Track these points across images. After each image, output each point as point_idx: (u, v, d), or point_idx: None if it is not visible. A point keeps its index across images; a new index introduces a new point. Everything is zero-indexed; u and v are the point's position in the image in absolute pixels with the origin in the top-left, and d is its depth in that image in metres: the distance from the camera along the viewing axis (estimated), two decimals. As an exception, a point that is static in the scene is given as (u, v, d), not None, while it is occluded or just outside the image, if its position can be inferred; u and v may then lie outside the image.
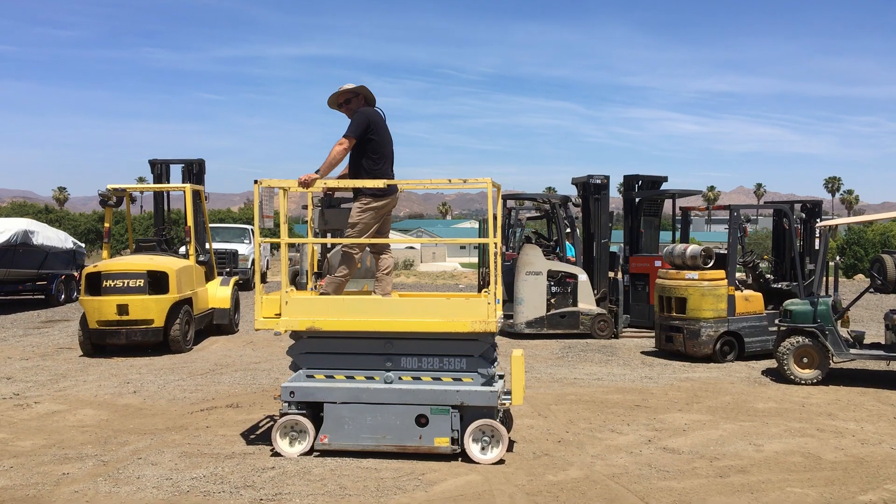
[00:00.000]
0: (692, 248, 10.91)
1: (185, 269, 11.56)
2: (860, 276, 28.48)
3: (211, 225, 19.90)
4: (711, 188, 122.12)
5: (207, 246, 13.28)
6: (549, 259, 12.90)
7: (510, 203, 15.72)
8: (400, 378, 6.14)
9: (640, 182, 14.57)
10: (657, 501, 5.19)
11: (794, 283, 10.78)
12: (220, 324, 12.89)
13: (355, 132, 6.40)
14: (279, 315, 6.30)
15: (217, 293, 12.87)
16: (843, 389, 8.88)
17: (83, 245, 19.77)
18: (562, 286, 12.94)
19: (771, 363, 9.96)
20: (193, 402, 8.08)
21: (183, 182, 13.35)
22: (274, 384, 8.99)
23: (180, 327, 11.04)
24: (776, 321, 9.99)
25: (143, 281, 10.84)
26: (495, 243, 5.99)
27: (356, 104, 6.64)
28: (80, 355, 11.01)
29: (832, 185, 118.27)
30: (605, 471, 5.81)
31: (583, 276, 12.92)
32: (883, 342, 9.68)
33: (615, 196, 16.28)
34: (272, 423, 7.18)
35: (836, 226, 10.69)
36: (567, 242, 13.75)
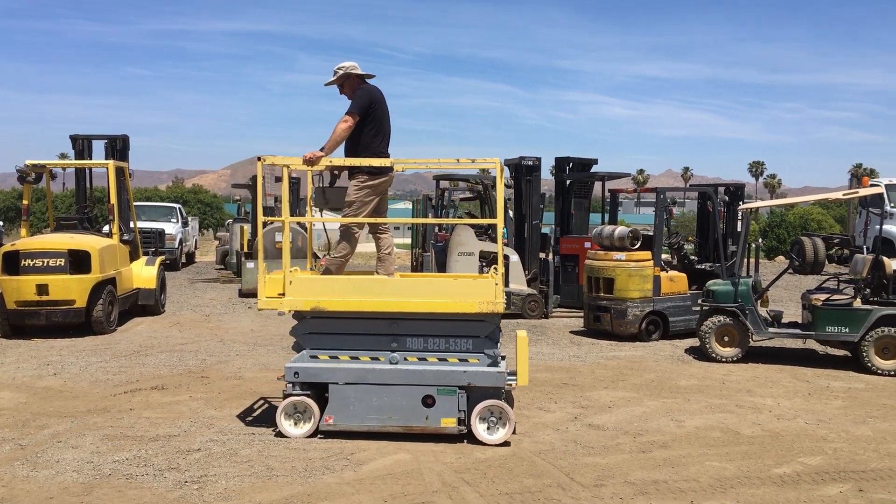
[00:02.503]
0: (620, 230, 11.12)
1: (108, 249, 11.25)
2: (781, 257, 29.47)
3: (137, 203, 19.37)
4: (641, 171, 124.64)
5: (132, 225, 12.94)
6: (481, 240, 12.98)
7: (443, 184, 15.76)
8: (405, 359, 6.12)
9: (570, 164, 14.74)
10: (582, 476, 5.30)
11: (717, 264, 11.08)
12: (146, 304, 12.59)
13: (359, 109, 6.39)
14: (283, 295, 6.18)
15: (142, 273, 12.56)
16: (761, 367, 9.20)
17: (1, 223, 19.05)
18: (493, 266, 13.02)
19: (694, 342, 10.25)
20: (117, 385, 7.89)
21: (106, 159, 12.95)
22: (201, 365, 8.85)
23: (103, 308, 10.75)
24: (699, 301, 10.28)
25: (63, 260, 10.50)
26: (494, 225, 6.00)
27: (355, 83, 6.62)
28: (-3, 337, 10.63)
29: (756, 169, 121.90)
30: (531, 447, 5.90)
31: (514, 257, 13.04)
32: (800, 321, 10.06)
33: (547, 178, 16.45)
34: (197, 403, 7.08)
35: (758, 208, 11.03)
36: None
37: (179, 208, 23.98)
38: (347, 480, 5.17)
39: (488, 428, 5.97)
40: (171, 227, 21.09)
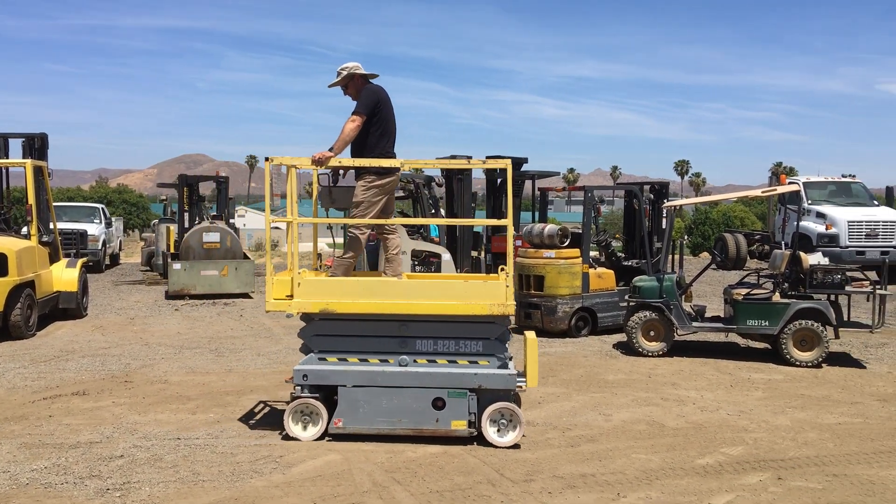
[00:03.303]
0: (549, 228, 11.27)
1: (26, 251, 10.85)
2: (705, 253, 30.31)
3: (58, 204, 18.77)
4: (572, 170, 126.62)
5: (52, 226, 12.51)
6: (413, 239, 12.96)
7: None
8: (415, 361, 6.05)
9: (501, 163, 14.80)
10: (511, 472, 5.35)
11: (643, 261, 11.32)
12: (67, 308, 12.19)
13: (366, 109, 6.34)
14: (291, 297, 6.06)
15: (63, 276, 12.15)
16: (685, 360, 9.44)
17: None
18: (426, 265, 13.03)
19: (622, 337, 10.46)
20: (35, 391, 7.62)
21: (24, 157, 12.48)
22: (125, 370, 8.61)
23: (21, 312, 10.36)
24: (626, 297, 10.49)
25: (-22, 263, 10.08)
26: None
27: (359, 84, 6.56)
28: None
29: (681, 168, 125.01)
30: (463, 445, 5.93)
31: (446, 256, 13.06)
32: (722, 315, 10.36)
33: (479, 177, 16.57)
34: (120, 409, 6.89)
35: (682, 206, 11.31)
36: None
37: (103, 208, 23.30)
38: (276, 483, 5.11)
39: (498, 430, 5.95)
40: (93, 228, 20.50)
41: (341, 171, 6.81)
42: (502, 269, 6.07)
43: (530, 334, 6.24)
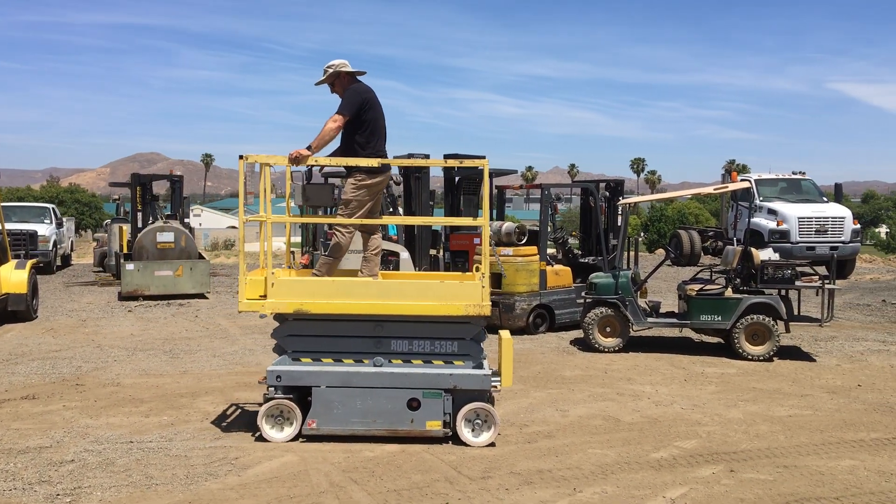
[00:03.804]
0: (507, 226, 11.33)
1: (-28, 252, 10.56)
2: (661, 250, 30.72)
3: (6, 204, 18.34)
4: (530, 168, 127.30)
5: (0, 227, 12.21)
6: (370, 237, 12.91)
7: (335, 181, 15.59)
8: (390, 361, 6.00)
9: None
10: (469, 469, 5.36)
11: (600, 258, 11.44)
12: (16, 310, 11.90)
13: (349, 110, 6.25)
14: (264, 297, 5.95)
15: (11, 277, 11.86)
16: (641, 355, 9.56)
17: None
18: (384, 264, 12.99)
19: (579, 333, 10.55)
20: (-18, 396, 7.43)
21: (-31, 156, 12.16)
22: (76, 373, 8.44)
23: (-32, 315, 10.10)
24: (583, 294, 10.59)
25: (-79, 265, 9.80)
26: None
27: (346, 82, 6.45)
28: None
29: (637, 165, 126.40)
30: (420, 443, 5.92)
31: (404, 254, 13.04)
32: (676, 311, 10.52)
33: (437, 175, 16.57)
34: (71, 412, 6.75)
35: (637, 203, 11.44)
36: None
37: (53, 209, 22.80)
38: (231, 486, 5.05)
39: (473, 430, 5.94)
40: (44, 229, 20.05)
41: (321, 169, 6.73)
42: (478, 269, 6.07)
43: (505, 334, 6.26)
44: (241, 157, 5.96)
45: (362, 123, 6.35)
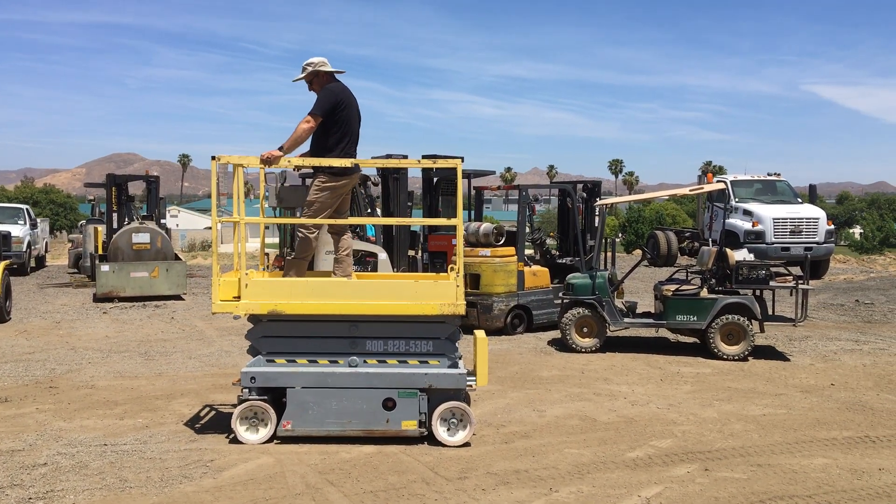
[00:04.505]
0: (485, 227, 11.35)
1: (-57, 253, 10.42)
2: (639, 251, 30.91)
3: (-23, 204, 18.07)
4: (509, 169, 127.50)
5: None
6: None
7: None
8: (365, 361, 5.97)
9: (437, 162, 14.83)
10: (446, 470, 5.36)
11: (577, 259, 11.49)
12: (-11, 312, 11.76)
13: (322, 110, 6.19)
14: (238, 298, 5.91)
15: (-16, 279, 11.72)
16: (618, 356, 9.61)
17: None
18: (362, 265, 12.97)
19: (556, 334, 10.59)
20: (-47, 399, 7.33)
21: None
22: (50, 375, 8.35)
23: (-62, 317, 9.95)
24: (560, 294, 10.62)
25: None
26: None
27: (324, 80, 6.40)
28: None
29: (615, 166, 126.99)
30: (397, 444, 5.91)
31: (383, 255, 13.01)
32: (653, 311, 10.58)
33: (415, 176, 16.62)
34: (44, 415, 6.68)
35: (613, 204, 11.50)
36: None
37: (27, 209, 22.53)
38: (206, 488, 5.01)
39: (449, 429, 5.93)
40: (17, 230, 19.81)
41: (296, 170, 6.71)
42: (452, 269, 6.07)
43: (480, 333, 6.26)
44: (213, 157, 5.93)
45: (335, 123, 6.31)
